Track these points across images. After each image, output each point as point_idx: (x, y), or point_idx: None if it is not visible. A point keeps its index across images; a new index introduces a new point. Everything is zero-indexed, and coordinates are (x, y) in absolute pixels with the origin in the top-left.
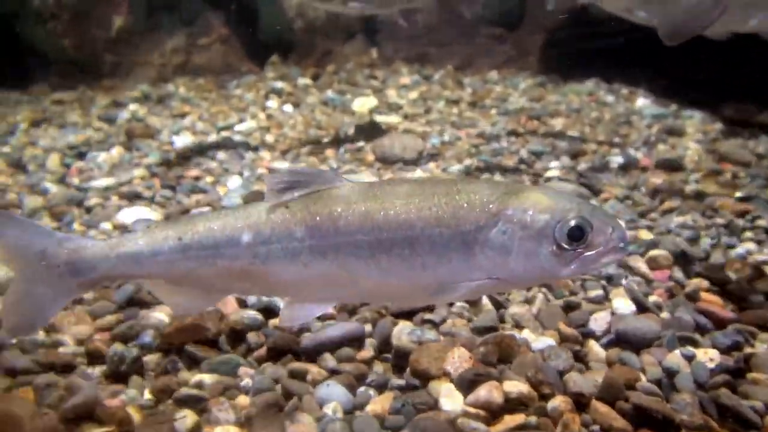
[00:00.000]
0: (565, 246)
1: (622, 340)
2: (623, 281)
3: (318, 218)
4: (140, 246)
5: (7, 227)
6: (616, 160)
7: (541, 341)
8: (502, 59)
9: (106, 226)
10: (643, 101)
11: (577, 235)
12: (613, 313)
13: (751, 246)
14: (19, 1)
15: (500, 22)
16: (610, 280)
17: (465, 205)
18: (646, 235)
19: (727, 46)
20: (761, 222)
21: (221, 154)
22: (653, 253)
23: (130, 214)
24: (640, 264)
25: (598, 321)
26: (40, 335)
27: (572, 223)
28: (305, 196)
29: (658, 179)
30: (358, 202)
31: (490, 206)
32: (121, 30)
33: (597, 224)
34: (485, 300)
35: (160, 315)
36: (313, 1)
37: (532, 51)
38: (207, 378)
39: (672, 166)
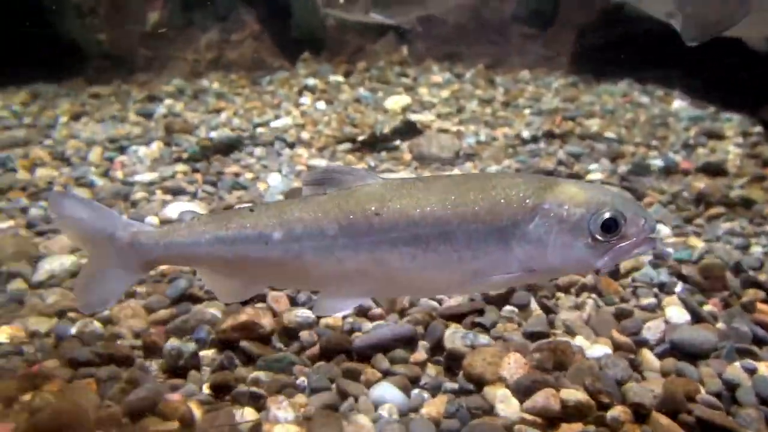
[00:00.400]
0: (600, 238)
1: (677, 350)
2: (676, 289)
3: (351, 216)
4: (183, 237)
5: (83, 212)
6: (656, 163)
7: (596, 349)
8: (534, 58)
9: (153, 220)
10: (679, 103)
11: (612, 228)
12: (666, 322)
13: None
14: None
15: (532, 22)
16: (663, 287)
17: (501, 200)
18: (695, 242)
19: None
20: None
21: (258, 151)
22: (706, 261)
23: (175, 209)
24: (694, 272)
25: (652, 329)
26: (99, 327)
27: (606, 215)
28: (338, 193)
29: (700, 183)
30: (392, 200)
31: (527, 201)
32: (156, 25)
33: (630, 216)
34: (534, 305)
35: (214, 310)
36: (336, 12)
37: (563, 50)
38: (263, 375)
39: (714, 170)
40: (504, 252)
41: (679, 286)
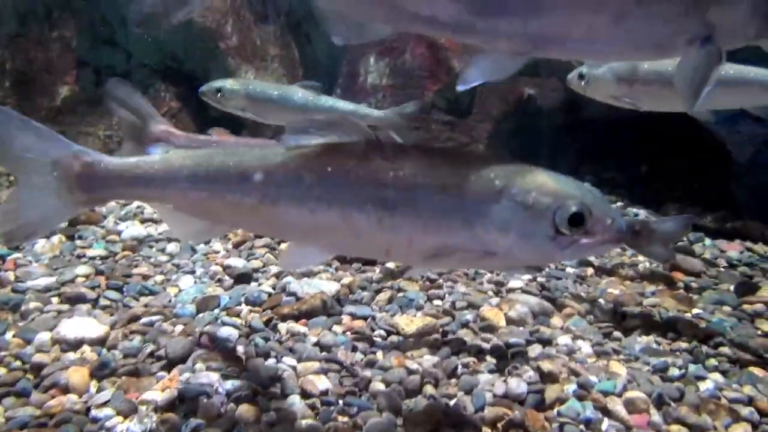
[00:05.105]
0: (564, 231)
1: None
2: (603, 427)
3: (328, 169)
4: (155, 171)
5: (20, 132)
6: (570, 265)
7: None
8: (454, 144)
9: (44, 337)
10: None
11: (577, 222)
12: None
13: (719, 378)
14: None
15: (450, 110)
16: (588, 424)
17: (472, 177)
18: (617, 366)
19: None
20: (724, 349)
21: (171, 246)
22: (630, 394)
23: (71, 327)
24: (619, 407)
25: None
26: None
27: (573, 209)
28: (321, 145)
29: (615, 290)
30: (370, 160)
31: (496, 182)
32: (66, 99)
33: (597, 213)
34: None
35: None
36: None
37: (481, 138)
38: None
39: (626, 274)
40: (467, 229)
41: (605, 423)
